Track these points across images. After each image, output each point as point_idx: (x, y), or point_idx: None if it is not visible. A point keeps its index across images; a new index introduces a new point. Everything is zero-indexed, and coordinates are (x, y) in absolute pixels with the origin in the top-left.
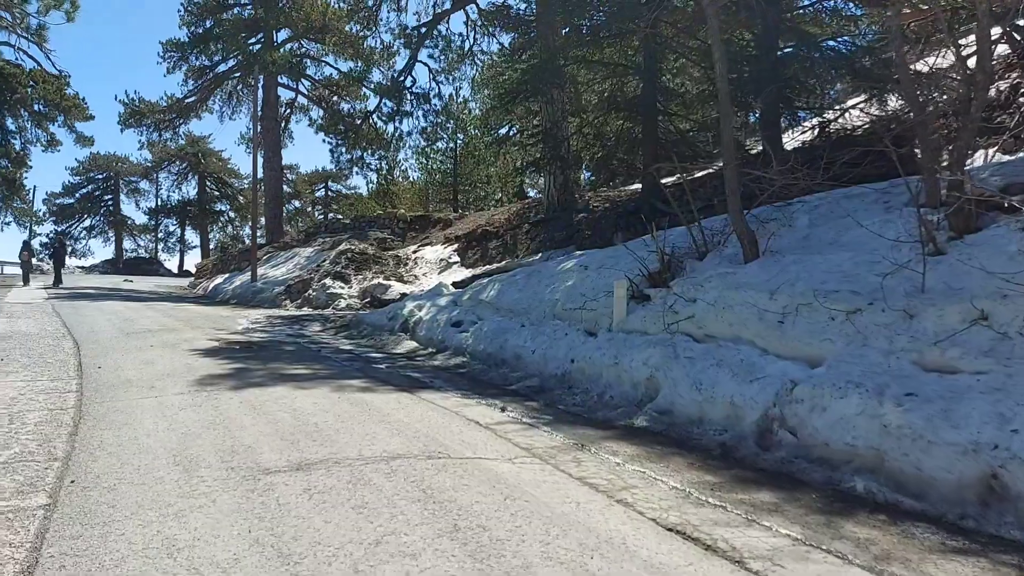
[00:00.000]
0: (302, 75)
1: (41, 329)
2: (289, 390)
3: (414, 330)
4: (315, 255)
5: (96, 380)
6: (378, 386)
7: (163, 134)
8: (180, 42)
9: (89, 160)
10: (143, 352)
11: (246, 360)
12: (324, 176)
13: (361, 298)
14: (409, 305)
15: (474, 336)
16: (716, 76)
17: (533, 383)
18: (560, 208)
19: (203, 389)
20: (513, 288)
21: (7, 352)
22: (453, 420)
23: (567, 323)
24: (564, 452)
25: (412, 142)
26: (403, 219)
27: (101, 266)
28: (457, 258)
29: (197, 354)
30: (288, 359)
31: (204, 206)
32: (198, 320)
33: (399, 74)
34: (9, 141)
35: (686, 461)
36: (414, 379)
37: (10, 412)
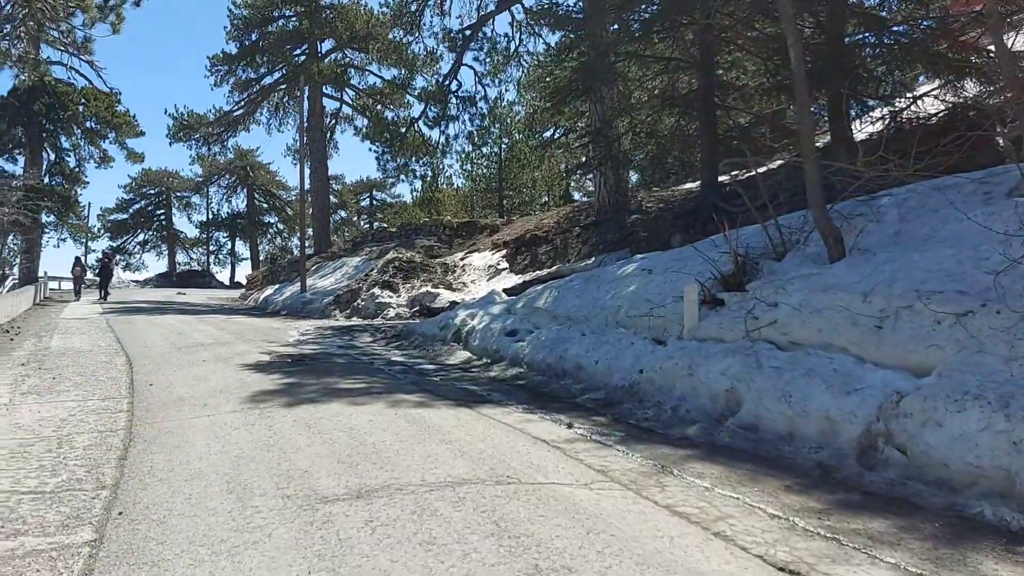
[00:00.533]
0: (346, 84)
1: (94, 345)
2: (343, 406)
3: (467, 340)
4: (362, 264)
5: (147, 399)
6: (435, 401)
7: (212, 147)
8: (227, 55)
9: (141, 176)
10: (195, 367)
11: (298, 374)
12: (369, 185)
13: (410, 307)
14: (461, 314)
15: (531, 346)
16: (791, 63)
17: (598, 396)
18: (612, 210)
19: (256, 406)
20: (570, 295)
21: (60, 370)
22: (518, 438)
23: (632, 331)
24: (644, 475)
25: (458, 147)
26: (449, 226)
27: (155, 279)
28: (506, 264)
29: (249, 369)
30: (340, 372)
31: (253, 218)
32: (249, 333)
33: (444, 78)
34: (64, 159)
35: (782, 483)
36: (471, 392)
37: (59, 435)
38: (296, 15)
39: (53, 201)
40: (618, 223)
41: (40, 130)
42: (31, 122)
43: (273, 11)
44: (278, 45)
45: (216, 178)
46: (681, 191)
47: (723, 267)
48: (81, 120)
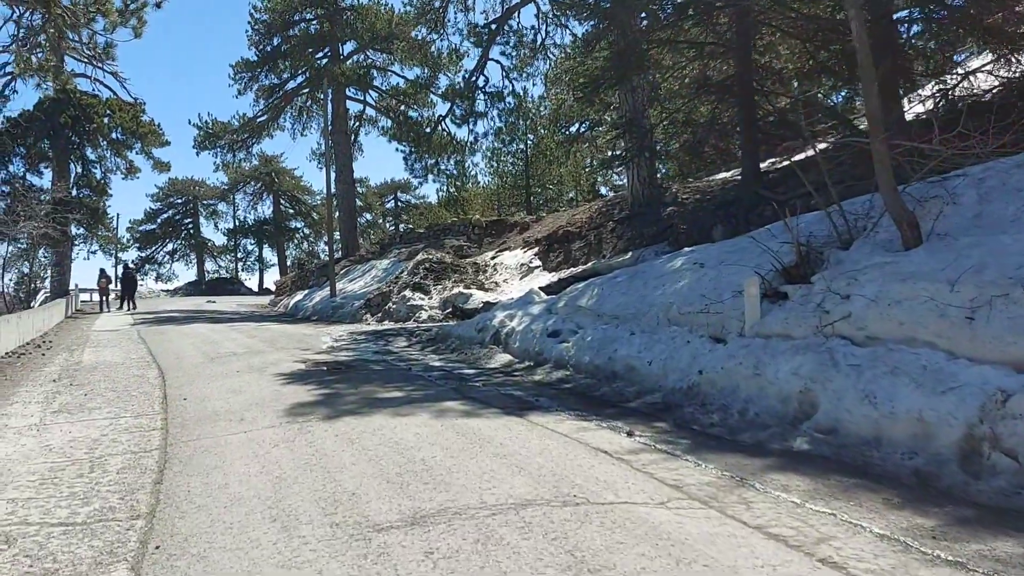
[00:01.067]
0: (369, 86)
1: (126, 358)
2: (386, 418)
3: (507, 342)
4: (392, 266)
5: (182, 414)
6: (481, 409)
7: (237, 154)
8: (249, 61)
9: (168, 185)
10: (229, 379)
11: (335, 383)
12: (394, 187)
13: (442, 308)
14: (499, 315)
15: (576, 347)
16: (853, 36)
17: (655, 399)
18: (646, 203)
19: (294, 420)
20: (615, 292)
21: (93, 385)
22: (576, 450)
23: (686, 328)
24: (724, 490)
25: (486, 144)
26: (478, 225)
27: (185, 288)
28: (538, 262)
29: (284, 379)
30: (379, 380)
31: (279, 224)
32: (282, 340)
33: (470, 74)
34: (90, 171)
35: (880, 497)
36: (517, 399)
37: (92, 457)
38: (317, 18)
39: (81, 213)
40: (654, 216)
41: (66, 142)
42: (57, 135)
43: (294, 15)
44: (300, 49)
45: (242, 185)
46: (717, 181)
47: (784, 258)
48: (106, 131)
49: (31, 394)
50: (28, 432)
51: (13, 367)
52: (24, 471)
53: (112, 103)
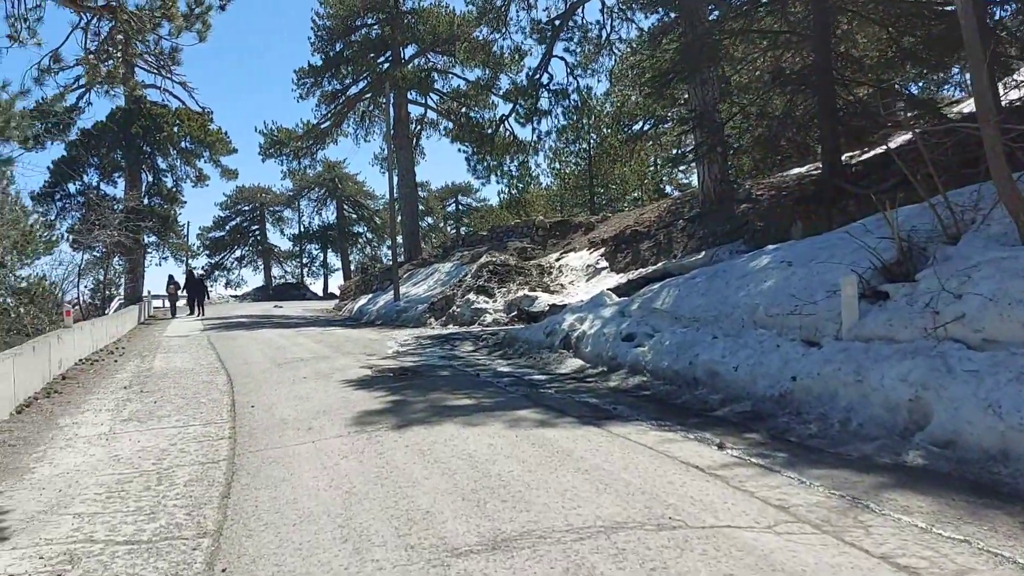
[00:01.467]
0: (430, 89)
1: (196, 364)
2: (457, 428)
3: (577, 346)
4: (455, 269)
5: (250, 423)
6: (556, 418)
7: (302, 161)
8: (313, 67)
9: (236, 193)
10: (296, 385)
11: (403, 390)
12: (454, 190)
13: (507, 312)
14: (568, 318)
15: (653, 351)
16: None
17: (743, 407)
18: (718, 200)
19: (363, 429)
20: (694, 293)
21: (162, 392)
22: (664, 464)
23: (774, 331)
24: (837, 512)
25: (550, 143)
26: (542, 226)
27: (253, 293)
28: (605, 263)
29: (351, 385)
30: (447, 387)
31: (343, 229)
32: (347, 345)
33: (533, 71)
34: (161, 179)
35: (1016, 520)
36: (594, 407)
37: (159, 469)
38: (378, 22)
39: (153, 221)
40: (726, 214)
41: (138, 152)
42: (129, 145)
43: (355, 20)
44: (362, 54)
45: (306, 191)
46: (791, 176)
47: (882, 254)
48: (176, 140)
49: (102, 401)
50: (98, 441)
51: (86, 374)
52: (92, 483)
53: (181, 112)
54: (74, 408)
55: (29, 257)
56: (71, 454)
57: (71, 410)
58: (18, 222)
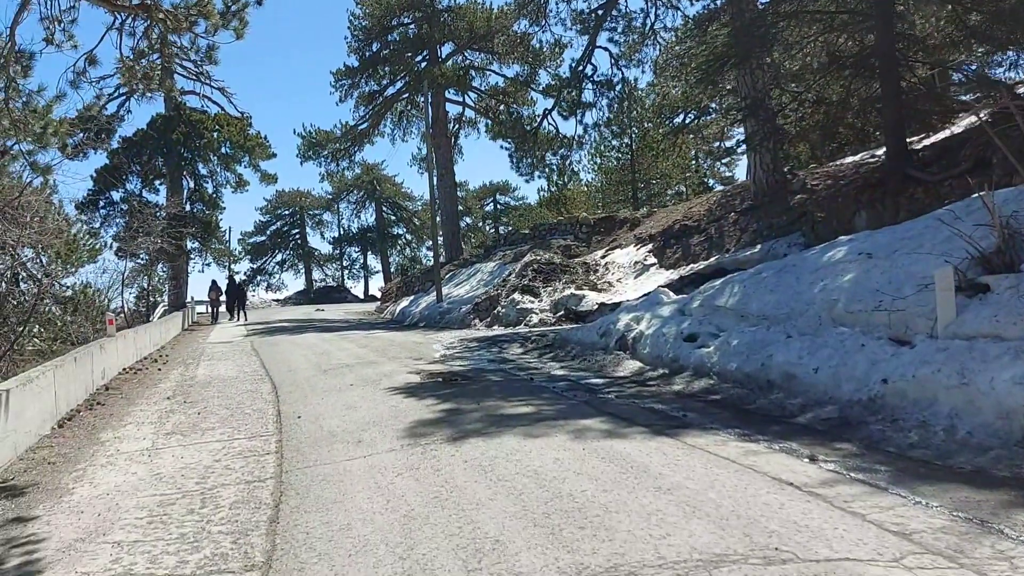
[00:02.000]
0: (468, 87)
1: (240, 371)
2: (518, 440)
3: (634, 347)
4: (497, 269)
5: (296, 435)
6: (624, 428)
7: (340, 163)
8: (351, 68)
9: (276, 198)
10: (343, 393)
11: (454, 397)
12: (492, 190)
13: (553, 311)
14: (623, 318)
15: (720, 352)
16: None
17: (828, 413)
18: (770, 192)
19: (416, 442)
20: (761, 289)
21: (206, 402)
22: (753, 481)
23: (857, 329)
24: (969, 539)
25: (595, 136)
26: (586, 223)
27: (294, 297)
28: (653, 260)
29: (400, 393)
30: (500, 393)
31: (383, 231)
32: (392, 349)
33: (577, 62)
34: (202, 185)
35: None
36: (662, 414)
37: (203, 488)
38: (415, 21)
39: (195, 228)
40: (780, 206)
41: (179, 159)
42: (170, 151)
43: (392, 19)
44: (399, 53)
45: (345, 194)
46: (847, 165)
47: (979, 243)
48: (216, 146)
49: (145, 413)
50: (139, 458)
51: (130, 383)
52: (132, 506)
53: (220, 118)
54: (116, 421)
55: (73, 266)
56: (112, 472)
57: (113, 423)
58: (61, 231)
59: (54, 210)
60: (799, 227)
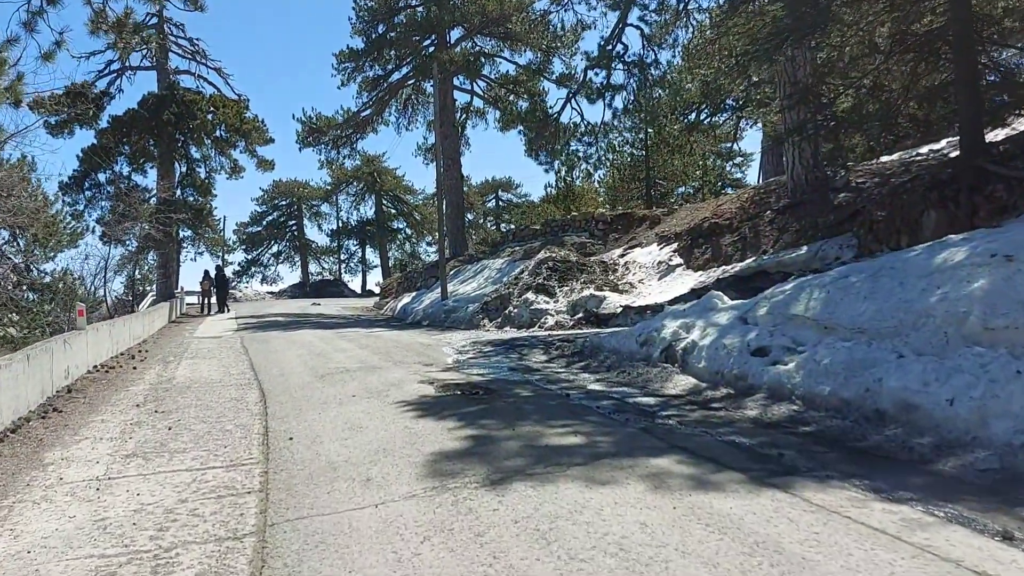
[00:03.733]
0: (478, 74)
1: (225, 374)
2: (579, 489)
3: (685, 360)
4: (506, 266)
5: (288, 466)
6: (710, 471)
7: (341, 151)
8: (354, 51)
9: (273, 187)
10: (344, 407)
11: (480, 418)
12: (495, 186)
13: (571, 313)
14: (670, 324)
15: (804, 371)
16: None
17: (981, 461)
18: (810, 189)
19: (443, 484)
20: (851, 296)
21: (181, 413)
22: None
23: (1001, 350)
24: None
25: (625, 123)
26: (602, 219)
27: (290, 290)
28: (679, 260)
29: (413, 409)
30: (536, 414)
31: (382, 224)
32: (398, 352)
33: (606, 41)
34: (195, 170)
35: None
36: (749, 451)
37: (158, 548)
38: (423, 3)
39: (187, 214)
40: (823, 204)
41: (170, 140)
42: (161, 132)
43: (399, 1)
44: (406, 36)
45: (344, 186)
46: (894, 163)
47: None
48: (210, 129)
49: (107, 425)
50: (85, 492)
51: (98, 385)
52: (57, 573)
53: (216, 99)
54: (70, 435)
55: (53, 250)
56: (44, 515)
57: (66, 438)
58: (39, 212)
59: (31, 189)
60: (849, 227)
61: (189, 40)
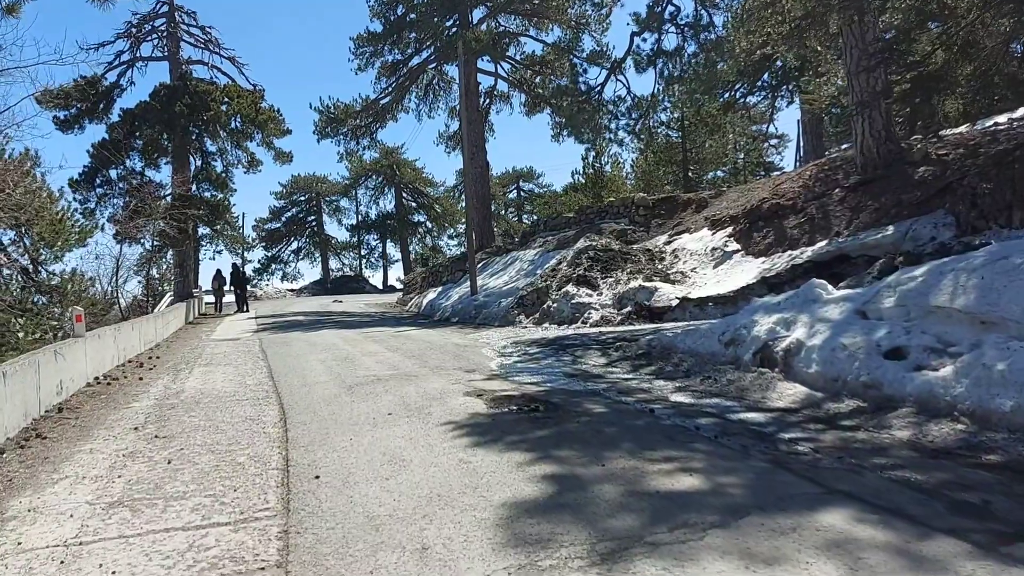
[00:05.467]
0: (503, 55)
1: (240, 384)
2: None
3: (788, 363)
4: (539, 257)
5: (314, 521)
6: (914, 537)
7: (360, 141)
8: (373, 34)
9: (291, 183)
10: (380, 429)
11: (553, 446)
12: (516, 176)
13: (617, 307)
14: (763, 320)
15: (967, 379)
16: None
17: None
18: (884, 163)
19: (532, 563)
20: (1019, 282)
21: (186, 438)
22: None
23: None
24: None
25: (679, 93)
26: (643, 204)
27: (310, 287)
28: (736, 245)
29: (465, 434)
30: (623, 439)
31: (403, 218)
32: (433, 355)
33: (655, 2)
34: (210, 164)
35: None
36: (944, 499)
37: None
38: None
39: (203, 210)
40: (902, 179)
41: (184, 134)
42: (175, 125)
43: None
44: (426, 17)
45: (363, 179)
46: (975, 132)
47: None
48: (225, 120)
49: (94, 458)
50: (45, 567)
51: (96, 400)
52: None
53: (230, 89)
54: (48, 472)
55: (60, 249)
56: None
57: (41, 476)
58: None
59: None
60: (940, 204)
61: (201, 28)
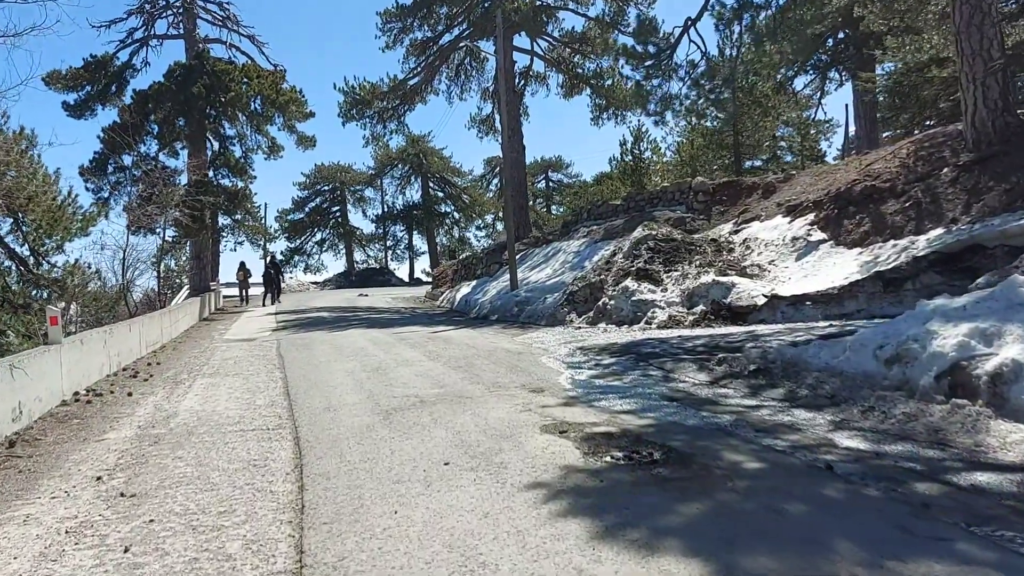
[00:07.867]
0: (541, 30)
1: (248, 405)
2: None
3: (1000, 393)
4: (586, 249)
5: None
6: None
7: (387, 125)
8: (402, 7)
9: (314, 172)
10: (436, 495)
11: (717, 539)
12: (544, 166)
13: (687, 305)
14: (947, 331)
15: None
16: None
17: None
18: (999, 139)
19: None
20: None
21: (161, 501)
22: None
23: None
24: None
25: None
26: (702, 189)
27: (335, 280)
28: (821, 234)
29: (567, 510)
30: (822, 528)
31: (429, 208)
32: (482, 364)
33: None
34: (228, 149)
35: None
36: None
37: None
38: None
39: (221, 198)
40: None
41: (201, 116)
42: (190, 107)
43: None
44: None
45: (389, 169)
46: None
47: None
48: (244, 102)
49: (23, 534)
50: None
51: (64, 428)
52: None
53: (249, 69)
54: None
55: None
56: None
57: None
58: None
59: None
60: None
61: (219, 5)
